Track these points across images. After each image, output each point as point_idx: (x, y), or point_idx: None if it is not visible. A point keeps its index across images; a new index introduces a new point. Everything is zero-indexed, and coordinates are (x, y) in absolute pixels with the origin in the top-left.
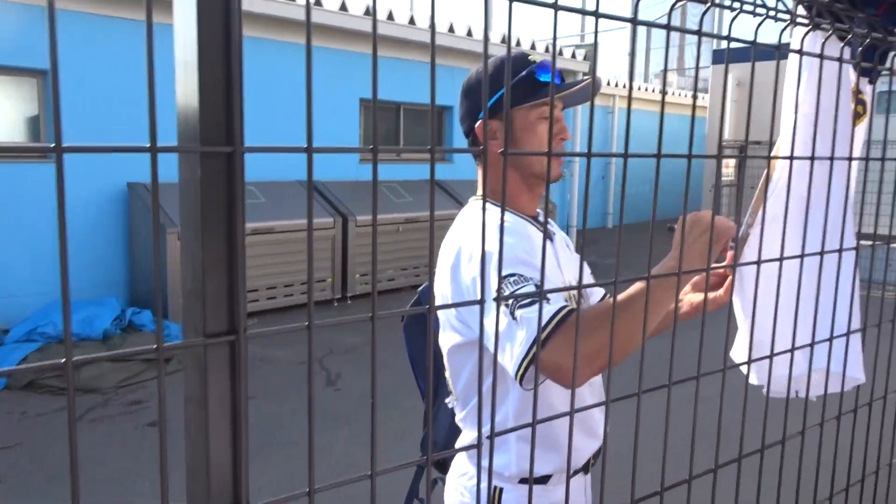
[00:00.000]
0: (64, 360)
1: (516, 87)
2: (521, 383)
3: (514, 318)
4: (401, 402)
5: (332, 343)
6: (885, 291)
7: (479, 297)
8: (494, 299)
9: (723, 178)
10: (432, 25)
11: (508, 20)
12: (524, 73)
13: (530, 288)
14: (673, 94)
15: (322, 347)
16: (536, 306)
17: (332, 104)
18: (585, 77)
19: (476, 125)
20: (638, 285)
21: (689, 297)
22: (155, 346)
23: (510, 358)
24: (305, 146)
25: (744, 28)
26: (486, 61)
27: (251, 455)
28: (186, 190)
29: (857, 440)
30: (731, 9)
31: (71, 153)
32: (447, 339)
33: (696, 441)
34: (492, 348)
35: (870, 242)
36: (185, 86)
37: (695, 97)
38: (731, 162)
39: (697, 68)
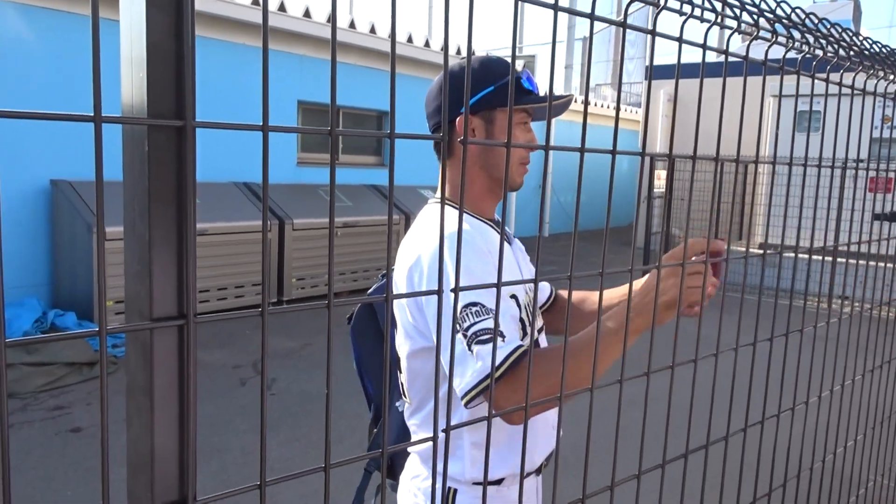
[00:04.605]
0: None
1: (503, 89)
2: (465, 406)
3: (470, 350)
4: (342, 407)
5: (268, 347)
6: (807, 301)
7: (437, 310)
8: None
9: (654, 190)
10: (393, 25)
11: (514, 17)
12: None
13: (489, 322)
14: (608, 107)
15: (258, 351)
16: (491, 346)
17: (270, 106)
18: (565, 95)
19: (457, 119)
20: (590, 330)
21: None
22: (97, 330)
23: (459, 384)
24: (261, 125)
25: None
26: (468, 58)
27: None
28: (131, 167)
29: (780, 444)
30: (682, 13)
31: None
32: (405, 343)
33: (643, 441)
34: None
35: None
36: (130, 45)
37: (648, 93)
38: (662, 174)
39: (650, 70)
